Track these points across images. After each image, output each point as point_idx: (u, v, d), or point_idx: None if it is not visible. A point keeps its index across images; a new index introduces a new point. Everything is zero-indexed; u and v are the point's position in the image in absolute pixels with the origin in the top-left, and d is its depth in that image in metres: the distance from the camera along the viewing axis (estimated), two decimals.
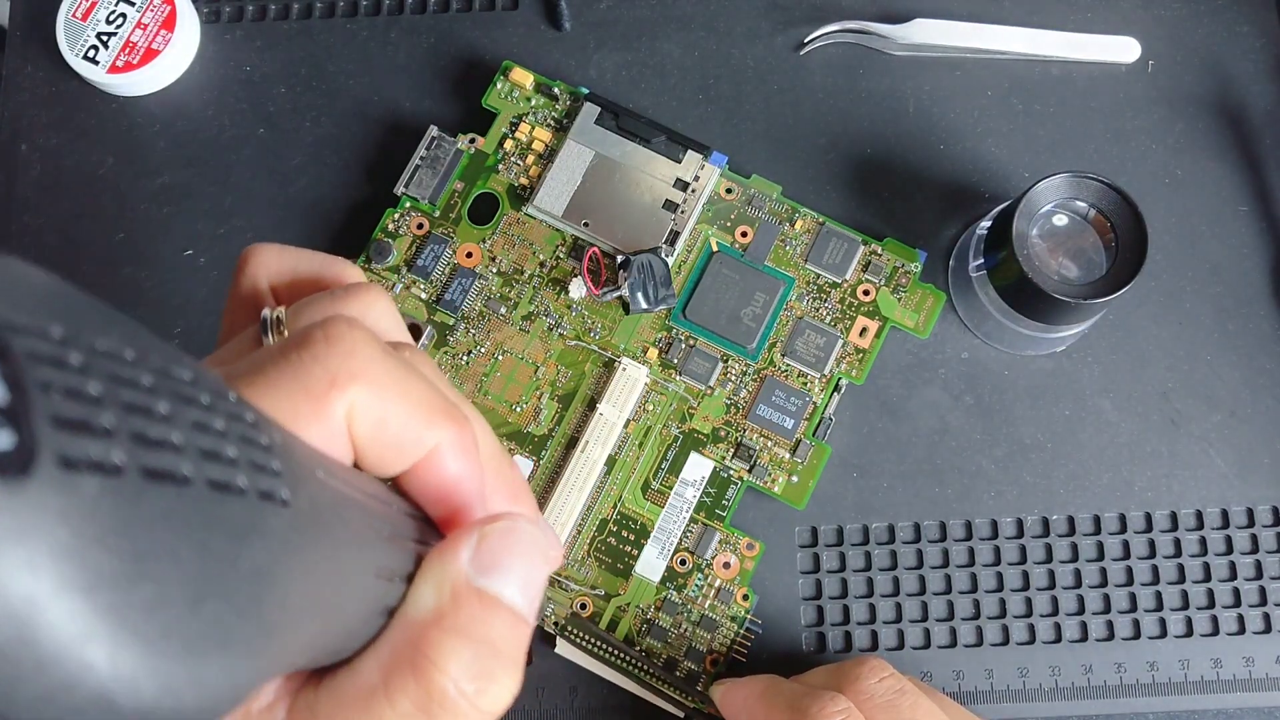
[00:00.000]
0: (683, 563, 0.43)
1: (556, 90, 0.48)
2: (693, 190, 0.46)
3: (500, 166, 0.47)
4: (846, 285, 0.46)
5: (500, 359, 0.46)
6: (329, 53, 0.51)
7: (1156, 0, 0.50)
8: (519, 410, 0.45)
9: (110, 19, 0.49)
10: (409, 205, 0.47)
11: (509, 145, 0.48)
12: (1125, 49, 0.49)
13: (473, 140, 0.48)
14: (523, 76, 0.48)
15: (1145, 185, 0.48)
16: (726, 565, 0.43)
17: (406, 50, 0.51)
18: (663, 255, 0.45)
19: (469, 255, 0.46)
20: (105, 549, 0.11)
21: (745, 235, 0.47)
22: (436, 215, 0.47)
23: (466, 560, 0.19)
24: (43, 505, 0.11)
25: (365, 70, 0.50)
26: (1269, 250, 0.47)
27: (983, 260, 0.45)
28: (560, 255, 0.47)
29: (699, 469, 0.44)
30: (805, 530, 0.45)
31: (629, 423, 0.45)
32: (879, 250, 0.46)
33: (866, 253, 0.46)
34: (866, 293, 0.46)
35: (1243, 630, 0.43)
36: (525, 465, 0.45)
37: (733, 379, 0.45)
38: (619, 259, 0.45)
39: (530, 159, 0.47)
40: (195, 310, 0.48)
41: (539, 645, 0.43)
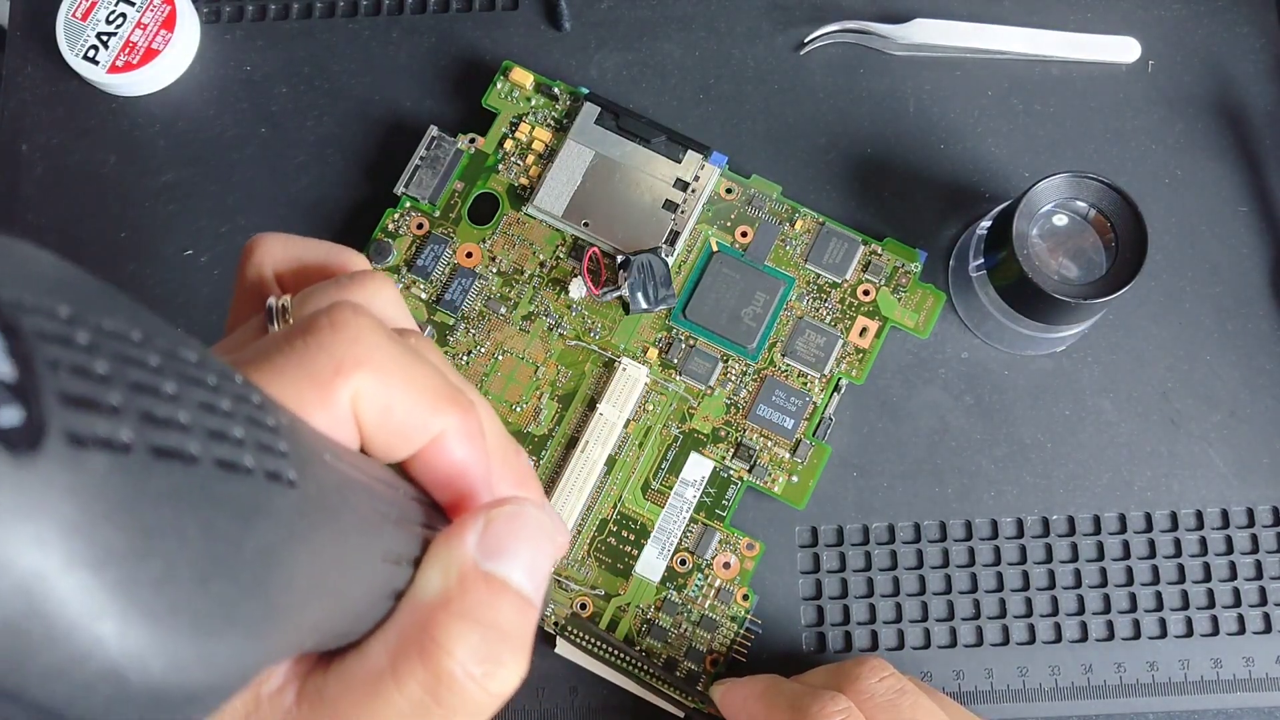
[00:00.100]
0: (683, 563, 0.43)
1: (556, 90, 0.48)
2: (693, 190, 0.46)
3: (500, 166, 0.48)
4: (846, 285, 0.46)
5: (500, 359, 0.45)
6: (329, 52, 0.51)
7: (1156, 0, 0.51)
8: (519, 410, 0.45)
9: (110, 19, 0.49)
10: (409, 205, 0.47)
11: (509, 145, 0.48)
12: (1125, 49, 0.49)
13: (473, 140, 0.48)
14: (523, 76, 0.48)
15: (1145, 185, 0.48)
16: (726, 565, 0.43)
17: (407, 50, 0.51)
18: (663, 255, 0.45)
19: (469, 255, 0.46)
20: (113, 525, 0.11)
21: (745, 235, 0.47)
22: (436, 215, 0.47)
23: (473, 544, 0.19)
24: (52, 481, 0.11)
25: (366, 70, 0.50)
26: (1269, 250, 0.47)
27: (983, 260, 0.45)
28: (560, 255, 0.47)
29: (699, 469, 0.44)
30: (805, 530, 0.45)
31: (629, 423, 0.45)
32: (879, 250, 0.46)
33: (866, 253, 0.46)
34: (866, 293, 0.46)
35: (1243, 630, 0.43)
36: None
37: (733, 379, 0.45)
38: (619, 259, 0.45)
39: (530, 159, 0.48)
40: (198, 309, 0.47)
41: (538, 644, 0.43)
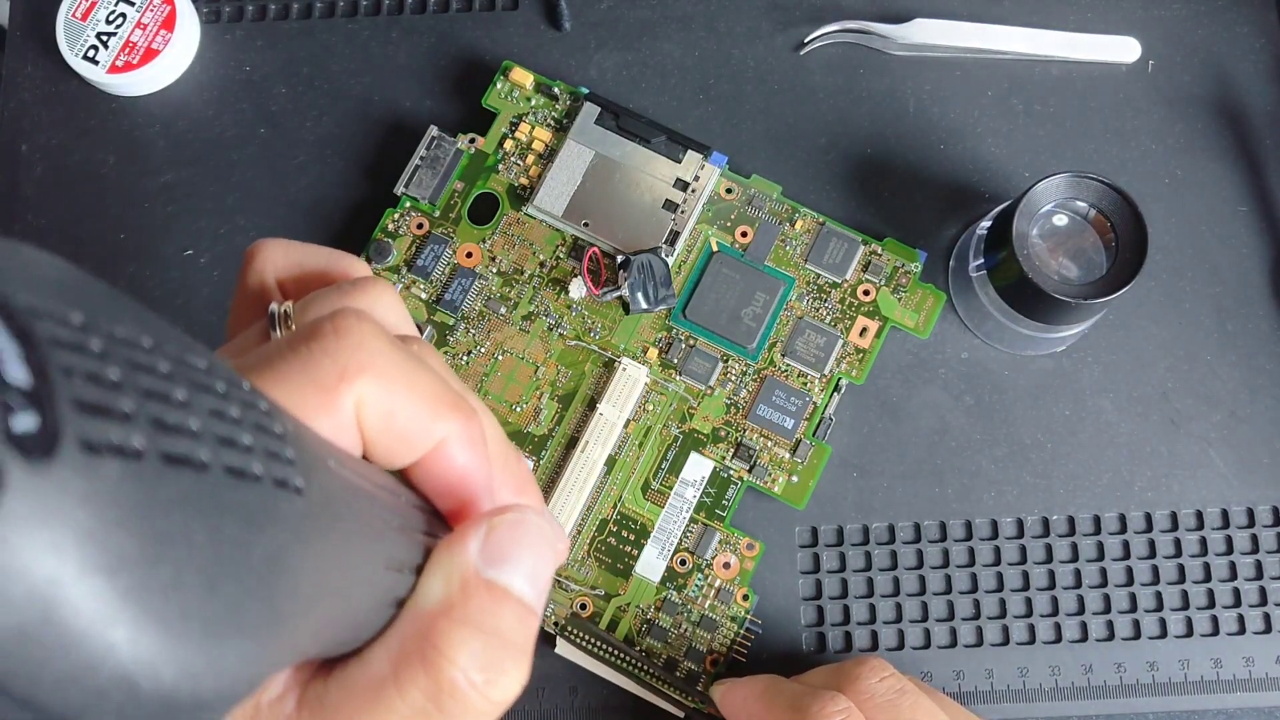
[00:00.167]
0: (683, 563, 0.43)
1: (556, 90, 0.48)
2: (693, 190, 0.46)
3: (500, 166, 0.47)
4: (846, 285, 0.46)
5: (500, 359, 0.45)
6: (329, 52, 0.51)
7: (1156, 0, 0.51)
8: (519, 410, 0.45)
9: (110, 19, 0.49)
10: (409, 205, 0.47)
11: (509, 145, 0.48)
12: (1125, 49, 0.49)
13: (473, 140, 0.48)
14: (523, 76, 0.48)
15: (1145, 185, 0.48)
16: (726, 565, 0.43)
17: (407, 50, 0.51)
18: (663, 255, 0.45)
19: (469, 255, 0.46)
20: (126, 532, 0.12)
21: (745, 235, 0.47)
22: (436, 215, 0.47)
23: (475, 552, 0.19)
24: (66, 488, 0.11)
25: (365, 70, 0.50)
26: (1269, 250, 0.47)
27: (983, 260, 0.45)
28: (560, 255, 0.47)
29: (699, 469, 0.44)
30: (805, 530, 0.45)
31: (629, 423, 0.45)
32: (879, 250, 0.46)
33: (866, 253, 0.46)
34: (866, 293, 0.46)
35: (1243, 630, 0.43)
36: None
37: (733, 379, 0.45)
38: (619, 259, 0.45)
39: (530, 159, 0.47)
40: (198, 309, 0.47)
41: (539, 645, 0.43)
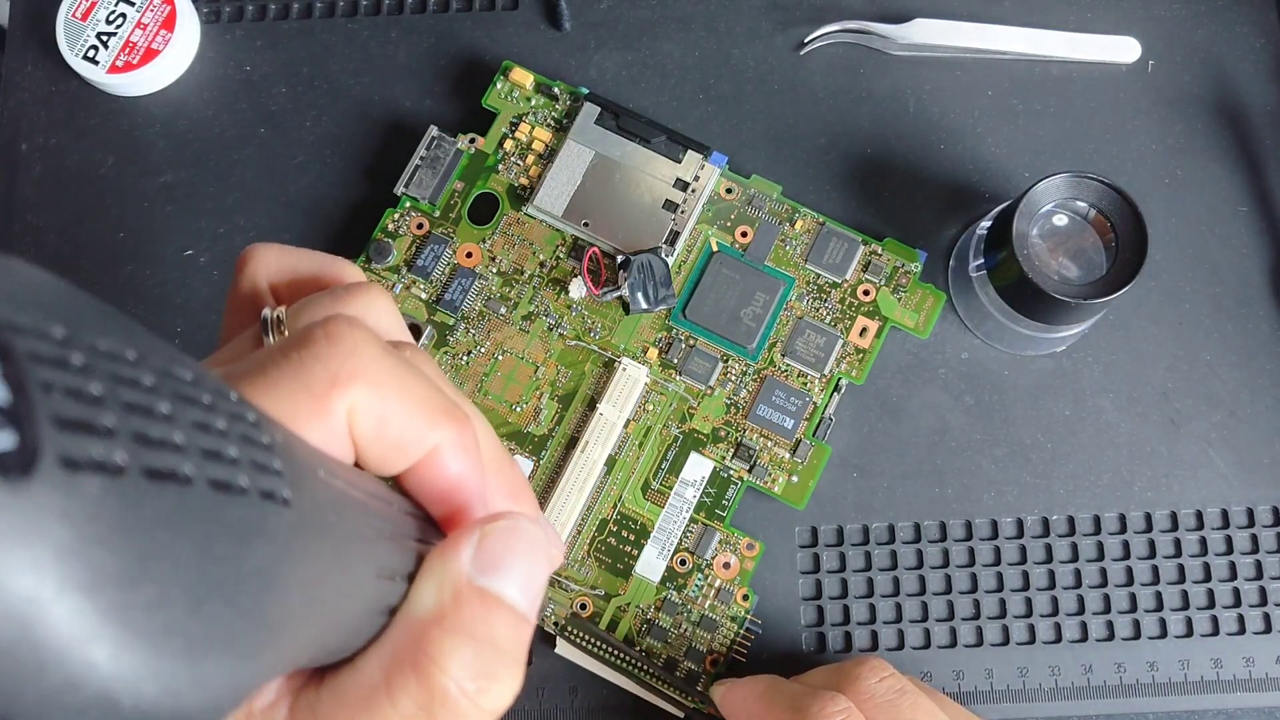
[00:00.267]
0: (683, 563, 0.43)
1: (556, 90, 0.48)
2: (693, 190, 0.46)
3: (500, 166, 0.47)
4: (846, 285, 0.46)
5: (500, 359, 0.45)
6: (329, 52, 0.51)
7: (1156, 0, 0.50)
8: (519, 410, 0.45)
9: (110, 19, 0.49)
10: (409, 205, 0.47)
11: (509, 145, 0.48)
12: (1125, 49, 0.49)
13: (473, 140, 0.48)
14: (523, 76, 0.48)
15: (1145, 185, 0.48)
16: (726, 565, 0.43)
17: (407, 50, 0.51)
18: (663, 255, 0.45)
19: (469, 255, 0.46)
20: (107, 549, 0.11)
21: (745, 235, 0.47)
22: (436, 215, 0.47)
23: (468, 559, 0.19)
24: (45, 505, 0.11)
25: (365, 70, 0.50)
26: (1269, 250, 0.47)
27: (983, 260, 0.45)
28: (560, 255, 0.47)
29: (699, 469, 0.44)
30: (805, 530, 0.45)
31: (629, 423, 0.45)
32: (879, 250, 0.46)
33: (866, 253, 0.46)
34: (866, 293, 0.46)
35: (1243, 630, 0.43)
36: (525, 465, 0.45)
37: (733, 379, 0.45)
38: (619, 259, 0.45)
39: (530, 159, 0.47)
40: (196, 309, 0.48)
41: (539, 645, 0.43)
